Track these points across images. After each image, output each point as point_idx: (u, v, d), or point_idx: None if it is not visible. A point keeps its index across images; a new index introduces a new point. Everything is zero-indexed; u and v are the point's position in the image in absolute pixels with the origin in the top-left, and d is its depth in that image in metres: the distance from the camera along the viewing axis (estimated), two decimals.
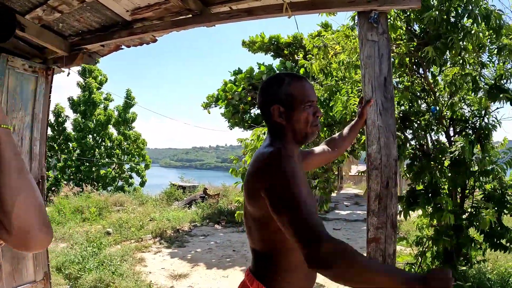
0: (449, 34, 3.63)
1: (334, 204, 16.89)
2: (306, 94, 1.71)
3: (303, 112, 1.69)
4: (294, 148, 1.74)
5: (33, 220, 0.99)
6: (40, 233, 1.00)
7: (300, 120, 1.69)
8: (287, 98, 1.70)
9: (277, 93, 1.72)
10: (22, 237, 0.98)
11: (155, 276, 6.69)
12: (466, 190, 4.79)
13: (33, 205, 1.00)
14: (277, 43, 14.81)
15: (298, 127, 1.70)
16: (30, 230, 0.98)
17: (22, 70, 4.03)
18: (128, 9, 3.52)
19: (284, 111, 1.70)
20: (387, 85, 2.73)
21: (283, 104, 1.70)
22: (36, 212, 1.00)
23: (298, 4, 2.97)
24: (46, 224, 1.03)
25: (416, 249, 5.62)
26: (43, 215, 1.02)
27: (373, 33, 2.77)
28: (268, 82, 1.79)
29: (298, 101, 1.69)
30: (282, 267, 1.61)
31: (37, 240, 1.01)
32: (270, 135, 1.77)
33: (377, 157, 2.71)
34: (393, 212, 2.73)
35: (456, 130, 4.84)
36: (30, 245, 1.01)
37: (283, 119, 1.70)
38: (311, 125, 1.71)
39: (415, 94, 4.82)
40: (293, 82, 1.73)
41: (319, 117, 1.75)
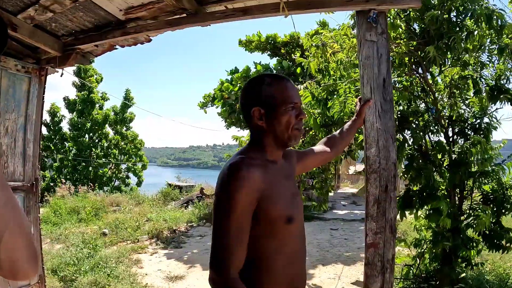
0: (451, 34, 3.58)
1: (332, 203, 16.87)
2: (288, 95, 1.64)
3: (285, 115, 1.62)
4: (275, 152, 1.69)
5: (21, 254, 0.97)
6: (27, 265, 0.99)
7: (281, 123, 1.62)
8: (267, 100, 1.63)
9: (257, 95, 1.65)
10: (9, 269, 0.97)
11: (151, 278, 6.63)
12: (464, 191, 4.76)
13: (21, 238, 0.98)
14: (274, 42, 14.76)
15: (279, 130, 1.63)
16: (17, 264, 0.97)
17: (14, 70, 3.98)
18: (122, 9, 3.47)
19: (264, 113, 1.63)
20: (386, 86, 2.67)
21: (263, 106, 1.63)
22: (23, 245, 0.98)
23: (295, 3, 2.92)
24: (33, 256, 1.01)
25: (415, 250, 5.60)
26: (30, 247, 1.01)
27: (372, 33, 2.71)
28: (249, 84, 1.72)
29: (279, 103, 1.62)
30: (264, 273, 1.58)
31: (24, 273, 0.99)
32: (251, 138, 1.72)
33: (376, 160, 2.66)
34: (392, 217, 2.68)
35: (455, 131, 4.81)
36: (17, 277, 0.99)
37: (264, 121, 1.63)
38: (293, 128, 1.64)
39: (414, 94, 4.78)
40: (274, 83, 1.67)
41: (302, 119, 1.68)
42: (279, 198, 1.57)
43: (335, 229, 11.58)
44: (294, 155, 1.99)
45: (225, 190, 1.48)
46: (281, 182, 1.65)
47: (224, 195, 1.47)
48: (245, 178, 1.47)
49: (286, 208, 1.58)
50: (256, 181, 1.48)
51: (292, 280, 1.64)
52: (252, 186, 1.47)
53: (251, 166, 1.51)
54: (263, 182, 1.51)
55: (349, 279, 6.70)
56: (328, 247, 9.39)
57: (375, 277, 2.70)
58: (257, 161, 1.58)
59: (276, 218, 1.55)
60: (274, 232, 1.56)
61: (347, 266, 7.60)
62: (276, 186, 1.58)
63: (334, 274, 7.14)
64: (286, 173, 1.76)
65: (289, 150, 1.97)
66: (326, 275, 7.08)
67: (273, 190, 1.55)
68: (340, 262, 7.95)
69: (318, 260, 8.14)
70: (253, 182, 1.48)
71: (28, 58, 4.15)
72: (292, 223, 1.59)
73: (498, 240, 4.37)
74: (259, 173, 1.51)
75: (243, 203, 1.45)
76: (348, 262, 7.88)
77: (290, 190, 1.71)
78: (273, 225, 1.55)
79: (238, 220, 1.45)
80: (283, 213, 1.56)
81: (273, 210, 1.53)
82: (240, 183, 1.46)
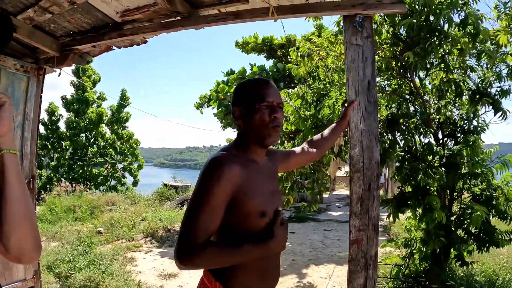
0: (428, 39, 3.69)
1: (326, 205, 17.00)
2: (261, 94, 1.74)
3: (259, 113, 1.72)
4: (256, 151, 1.79)
5: (29, 245, 1.14)
6: (33, 253, 1.16)
7: (256, 121, 1.73)
8: (244, 100, 1.76)
9: (237, 96, 1.80)
10: (18, 256, 1.13)
11: (145, 276, 6.72)
12: (454, 192, 4.86)
13: (30, 231, 1.14)
14: (270, 44, 14.86)
15: (255, 128, 1.74)
16: (25, 252, 1.14)
17: (13, 69, 4.05)
18: (118, 11, 3.56)
19: (243, 112, 1.76)
20: (371, 89, 2.78)
21: (242, 106, 1.76)
22: (32, 237, 1.15)
23: (284, 8, 3.02)
24: (38, 245, 1.18)
25: (404, 250, 5.70)
26: (37, 238, 1.17)
27: (358, 37, 2.82)
28: (235, 88, 1.88)
29: (253, 102, 1.73)
30: (238, 268, 1.66)
31: (29, 259, 1.17)
32: (236, 138, 1.85)
33: (359, 160, 2.76)
34: (375, 215, 2.78)
35: (445, 133, 4.90)
36: (23, 262, 1.17)
37: (242, 120, 1.76)
38: (268, 126, 1.73)
39: (403, 97, 4.88)
40: (251, 84, 1.81)
41: (277, 117, 1.75)
42: (255, 194, 1.66)
43: (329, 230, 11.68)
44: (278, 154, 2.11)
45: (204, 181, 1.58)
46: (260, 179, 1.75)
47: (202, 185, 1.58)
48: (223, 172, 1.57)
49: (262, 203, 1.68)
50: (232, 175, 1.59)
51: (264, 271, 1.75)
52: (228, 179, 1.57)
53: (231, 161, 1.62)
54: (240, 177, 1.61)
55: (340, 278, 6.80)
56: (321, 247, 9.49)
57: (358, 273, 2.80)
58: (237, 158, 1.68)
59: (250, 212, 1.65)
60: (248, 224, 1.66)
61: (339, 266, 7.69)
62: (254, 182, 1.68)
63: (326, 274, 7.24)
64: (267, 172, 1.86)
65: (273, 150, 2.09)
66: (318, 275, 7.18)
67: (250, 186, 1.65)
68: (332, 262, 8.05)
69: (311, 260, 8.24)
70: (230, 176, 1.58)
71: (27, 58, 4.22)
72: (265, 217, 1.68)
73: (489, 236, 4.46)
74: (237, 169, 1.61)
75: (217, 193, 1.55)
76: (341, 262, 7.98)
77: (269, 188, 1.80)
78: (247, 218, 1.65)
79: (210, 207, 1.55)
80: (257, 208, 1.66)
81: (248, 204, 1.63)
82: (217, 175, 1.57)
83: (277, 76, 14.48)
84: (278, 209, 1.72)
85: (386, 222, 11.41)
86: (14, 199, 1.11)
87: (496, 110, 4.22)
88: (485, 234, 4.52)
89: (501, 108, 4.21)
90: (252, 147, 1.78)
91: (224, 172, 1.58)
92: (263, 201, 1.70)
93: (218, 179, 1.56)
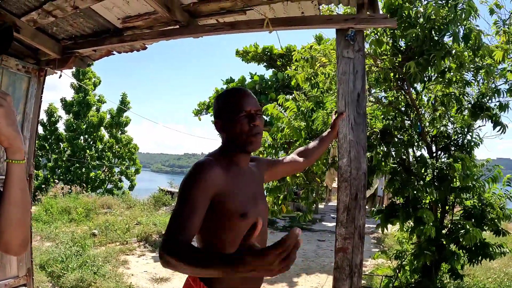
0: (432, 51, 3.77)
1: (321, 215, 17.04)
2: (238, 104, 1.80)
3: (238, 123, 1.79)
4: (241, 157, 1.87)
5: (18, 241, 1.23)
6: (19, 247, 1.26)
7: (234, 130, 1.80)
8: (222, 112, 1.84)
9: (216, 109, 1.87)
10: (6, 248, 1.23)
11: (136, 278, 6.76)
12: (446, 206, 4.90)
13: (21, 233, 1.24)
14: (270, 54, 15.00)
15: (236, 138, 1.81)
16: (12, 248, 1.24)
17: (15, 69, 4.13)
18: (119, 17, 3.66)
19: (222, 124, 1.84)
20: (360, 101, 2.86)
21: (221, 118, 1.84)
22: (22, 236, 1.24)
23: (278, 20, 3.12)
24: (26, 243, 1.28)
25: (396, 262, 5.74)
26: (26, 238, 1.27)
27: (349, 50, 2.90)
28: (214, 99, 1.93)
29: (231, 113, 1.80)
30: None
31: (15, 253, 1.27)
32: (221, 144, 1.93)
33: (347, 170, 2.84)
34: (360, 224, 2.85)
35: (439, 147, 4.96)
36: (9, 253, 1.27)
37: (223, 131, 1.85)
38: (248, 134, 1.80)
39: (398, 109, 4.94)
40: (227, 95, 1.87)
41: (256, 125, 1.81)
42: (236, 196, 1.74)
43: (322, 240, 11.71)
44: (262, 162, 2.19)
45: (187, 182, 1.68)
46: (242, 182, 1.82)
47: (186, 186, 1.67)
48: (204, 175, 1.67)
49: (243, 205, 1.75)
50: (213, 178, 1.67)
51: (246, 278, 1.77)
52: (209, 181, 1.66)
53: (212, 165, 1.71)
54: (221, 179, 1.70)
55: None
56: (314, 257, 9.52)
57: (343, 281, 2.88)
58: (220, 162, 1.77)
59: (231, 213, 1.72)
60: (229, 225, 1.73)
61: (331, 276, 7.68)
62: (235, 185, 1.76)
63: (317, 283, 7.28)
64: (250, 175, 1.94)
65: (257, 157, 2.19)
66: (309, 284, 7.22)
67: (231, 187, 1.73)
68: (324, 272, 8.08)
69: (302, 269, 8.27)
70: (211, 179, 1.67)
71: (28, 59, 4.30)
72: (246, 218, 1.73)
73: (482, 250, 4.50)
74: (217, 171, 1.70)
75: (199, 193, 1.63)
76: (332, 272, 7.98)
77: (252, 190, 1.88)
78: (228, 218, 1.72)
79: (192, 205, 1.61)
80: (238, 209, 1.73)
81: (228, 204, 1.71)
82: (198, 178, 1.66)
83: (276, 86, 14.59)
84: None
85: (380, 234, 11.47)
86: (13, 203, 1.18)
87: (495, 124, 4.30)
88: (477, 248, 4.55)
89: (500, 122, 4.29)
90: (236, 154, 1.86)
91: (205, 175, 1.66)
92: (244, 202, 1.77)
93: (199, 181, 1.65)
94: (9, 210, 1.18)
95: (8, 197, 1.18)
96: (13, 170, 1.19)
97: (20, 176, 1.21)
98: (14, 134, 1.15)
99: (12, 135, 1.15)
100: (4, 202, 1.18)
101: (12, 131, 1.14)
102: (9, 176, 1.19)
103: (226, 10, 3.44)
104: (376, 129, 4.84)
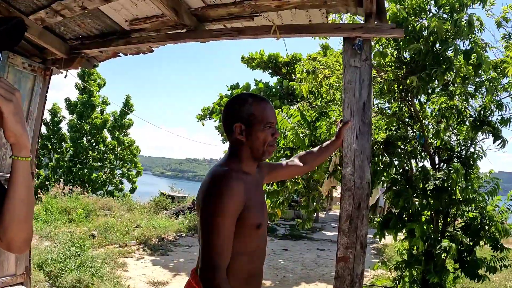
0: (434, 66, 3.76)
1: (321, 224, 16.98)
2: (266, 115, 1.83)
3: (262, 132, 1.81)
4: (250, 164, 1.88)
5: (21, 238, 1.23)
6: (22, 246, 1.26)
7: (258, 139, 1.81)
8: (248, 118, 1.82)
9: (240, 112, 1.84)
10: (9, 245, 1.23)
11: (134, 281, 6.73)
12: (448, 218, 4.87)
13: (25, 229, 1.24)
14: (275, 61, 15.03)
15: (256, 145, 1.82)
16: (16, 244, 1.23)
17: (21, 67, 4.13)
18: (127, 19, 3.67)
19: (244, 129, 1.82)
20: (366, 110, 2.85)
21: (244, 123, 1.82)
22: (25, 233, 1.24)
23: (286, 27, 3.12)
24: (29, 240, 1.28)
25: (395, 273, 5.71)
26: (29, 235, 1.27)
27: (356, 59, 2.90)
28: (233, 101, 1.91)
29: (258, 121, 1.81)
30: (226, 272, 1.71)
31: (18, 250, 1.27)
32: (229, 151, 1.91)
33: (350, 179, 2.83)
34: (363, 233, 2.83)
35: (442, 158, 4.94)
36: (12, 251, 1.27)
37: (243, 136, 1.82)
38: (268, 145, 1.84)
39: (402, 120, 4.93)
40: (255, 103, 1.86)
41: (276, 138, 1.87)
42: (254, 208, 1.76)
43: (322, 249, 11.66)
44: (265, 166, 2.20)
45: (217, 197, 1.66)
46: (255, 192, 1.84)
47: (217, 201, 1.65)
48: (234, 188, 1.66)
49: (259, 216, 1.79)
50: (241, 192, 1.68)
51: (250, 276, 1.84)
52: (239, 196, 1.67)
53: (237, 178, 1.71)
54: (245, 193, 1.71)
55: None
56: (313, 266, 9.48)
57: None
58: (238, 173, 1.76)
59: (251, 225, 1.75)
60: (242, 235, 1.74)
61: (330, 286, 7.65)
62: (251, 196, 1.77)
63: None
64: (257, 183, 1.96)
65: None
66: None
67: (251, 200, 1.75)
68: (324, 281, 8.03)
69: (302, 277, 8.23)
70: (240, 193, 1.68)
71: (35, 57, 4.30)
72: (260, 228, 1.79)
73: (473, 269, 4.47)
74: (242, 185, 1.70)
75: (232, 210, 1.65)
76: (332, 281, 7.93)
77: (261, 199, 1.92)
78: (245, 229, 1.73)
79: (228, 225, 1.64)
80: (256, 221, 1.76)
81: (250, 218, 1.73)
82: (231, 192, 1.65)
83: (281, 93, 14.61)
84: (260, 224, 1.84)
85: (380, 244, 11.42)
86: (18, 200, 1.18)
87: (496, 138, 4.29)
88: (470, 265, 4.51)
89: (500, 136, 4.28)
90: (248, 160, 1.86)
91: (234, 188, 1.66)
92: (259, 213, 1.81)
93: (232, 194, 1.65)
94: (14, 207, 1.18)
95: (13, 194, 1.18)
96: (18, 167, 1.19)
97: (25, 173, 1.20)
98: (22, 131, 1.15)
99: (20, 132, 1.15)
100: (9, 199, 1.18)
101: (19, 128, 1.14)
102: (14, 173, 1.18)
103: (234, 16, 3.44)
104: (379, 139, 4.83)
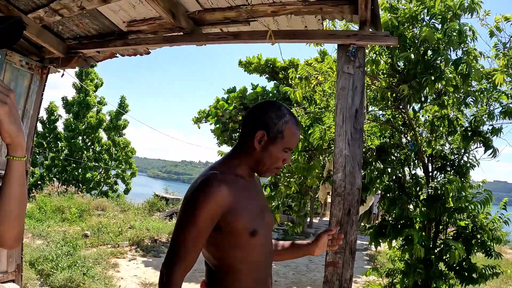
0: (425, 74, 3.81)
1: (315, 230, 17.01)
2: (292, 141, 1.78)
3: (279, 153, 1.75)
4: (247, 171, 1.80)
5: (13, 235, 1.25)
6: (14, 243, 1.28)
7: (271, 157, 1.75)
8: (276, 132, 1.74)
9: (271, 122, 1.74)
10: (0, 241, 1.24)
11: (126, 282, 6.73)
12: (440, 226, 4.91)
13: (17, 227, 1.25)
14: (272, 66, 15.06)
15: (265, 161, 1.76)
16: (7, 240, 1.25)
17: (19, 65, 4.14)
18: (125, 21, 3.70)
19: (266, 141, 1.73)
20: (358, 117, 2.88)
21: (269, 134, 1.74)
22: (17, 230, 1.25)
23: (281, 33, 3.17)
24: (20, 237, 1.31)
25: (387, 280, 5.73)
26: (21, 232, 1.29)
27: (350, 66, 2.92)
28: (269, 108, 1.80)
29: (282, 142, 1.74)
30: (230, 279, 1.71)
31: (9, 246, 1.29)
32: (234, 150, 1.84)
33: (341, 185, 2.85)
34: (352, 239, 2.85)
35: (435, 166, 4.97)
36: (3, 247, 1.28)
37: (261, 146, 1.74)
38: (275, 166, 1.78)
39: (396, 128, 4.97)
40: (290, 123, 1.77)
41: (285, 163, 1.84)
42: (244, 212, 1.69)
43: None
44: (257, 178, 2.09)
45: (193, 201, 1.63)
46: (249, 197, 1.77)
47: (191, 205, 1.63)
48: (212, 194, 1.61)
49: (251, 221, 1.70)
50: (222, 196, 1.62)
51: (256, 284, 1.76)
52: (217, 201, 1.61)
53: (220, 182, 1.65)
54: (230, 196, 1.64)
55: None
56: (305, 271, 9.49)
57: None
58: (227, 176, 1.70)
59: (240, 231, 1.67)
60: (238, 243, 1.69)
61: None
62: (243, 200, 1.70)
63: None
64: (256, 189, 1.89)
65: None
66: None
67: (239, 205, 1.68)
68: (315, 287, 8.06)
69: (293, 282, 8.25)
70: (219, 198, 1.62)
71: (32, 56, 4.31)
72: (256, 235, 1.70)
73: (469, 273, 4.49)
74: (226, 189, 1.64)
75: (205, 216, 1.60)
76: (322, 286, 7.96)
77: (259, 204, 1.83)
78: (236, 236, 1.68)
79: (198, 229, 1.60)
80: (247, 226, 1.68)
81: (237, 223, 1.66)
82: (207, 198, 1.61)
83: (278, 98, 14.64)
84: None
85: (373, 251, 11.44)
86: (12, 199, 1.20)
87: (487, 147, 4.33)
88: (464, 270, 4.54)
89: (491, 146, 4.33)
90: (248, 167, 1.80)
91: (212, 194, 1.61)
92: (253, 219, 1.72)
93: (207, 200, 1.61)
94: (7, 205, 1.19)
95: (8, 193, 1.20)
96: (13, 167, 1.20)
97: (20, 172, 1.22)
98: (17, 132, 1.16)
99: (15, 132, 1.15)
100: (3, 197, 1.19)
101: (15, 129, 1.15)
102: (9, 172, 1.20)
103: (231, 20, 3.48)
104: (372, 146, 4.87)
